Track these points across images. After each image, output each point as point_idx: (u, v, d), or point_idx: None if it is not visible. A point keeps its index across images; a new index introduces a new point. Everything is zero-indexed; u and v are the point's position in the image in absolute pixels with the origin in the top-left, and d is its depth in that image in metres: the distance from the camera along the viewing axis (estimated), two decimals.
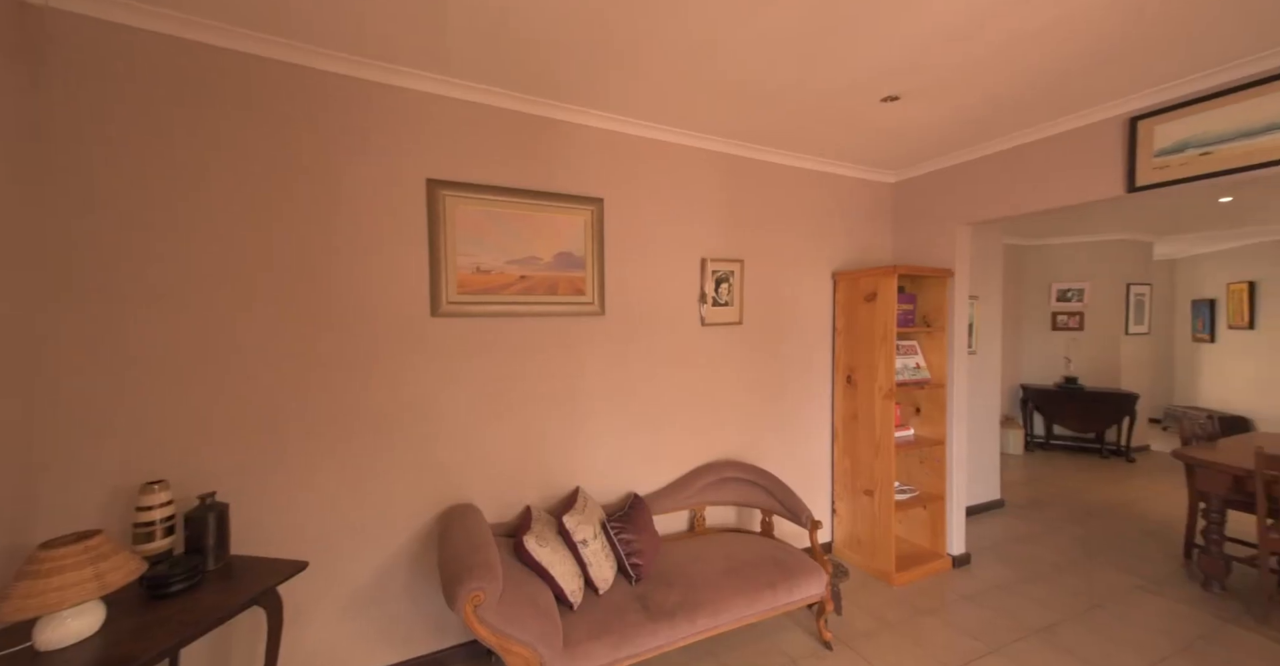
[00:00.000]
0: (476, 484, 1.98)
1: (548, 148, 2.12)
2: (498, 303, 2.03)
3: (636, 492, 2.27)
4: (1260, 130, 1.66)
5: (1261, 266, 5.13)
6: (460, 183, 1.94)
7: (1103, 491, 3.91)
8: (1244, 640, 2.06)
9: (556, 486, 2.14)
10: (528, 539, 1.69)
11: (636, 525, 1.98)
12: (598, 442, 2.24)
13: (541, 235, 2.11)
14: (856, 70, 1.79)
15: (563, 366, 2.16)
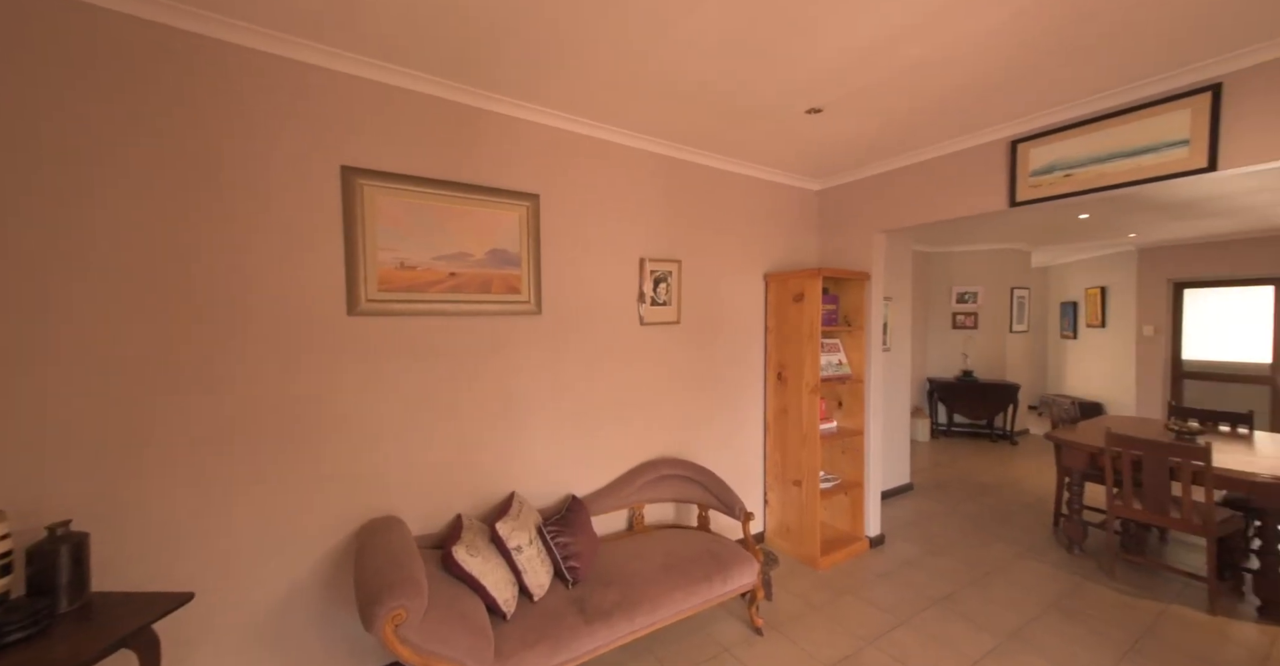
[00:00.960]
0: (400, 494, 1.85)
1: (480, 140, 2.02)
2: (425, 301, 1.91)
3: (575, 494, 2.24)
4: (1107, 157, 1.95)
5: (1111, 274, 6.06)
6: (382, 172, 1.80)
7: (992, 471, 4.44)
8: (1097, 593, 2.43)
9: (490, 492, 2.06)
10: (457, 549, 1.61)
11: (574, 527, 1.95)
12: (534, 445, 2.18)
13: (473, 231, 2.02)
14: (783, 82, 1.88)
15: (497, 367, 2.08)
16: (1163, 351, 5.50)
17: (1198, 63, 1.71)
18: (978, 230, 4.87)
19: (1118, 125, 1.92)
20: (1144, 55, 1.69)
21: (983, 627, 2.15)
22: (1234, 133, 1.68)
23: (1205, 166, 1.72)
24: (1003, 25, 1.52)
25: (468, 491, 2.00)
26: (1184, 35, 1.58)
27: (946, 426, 5.82)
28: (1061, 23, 1.52)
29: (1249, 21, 1.50)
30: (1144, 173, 1.86)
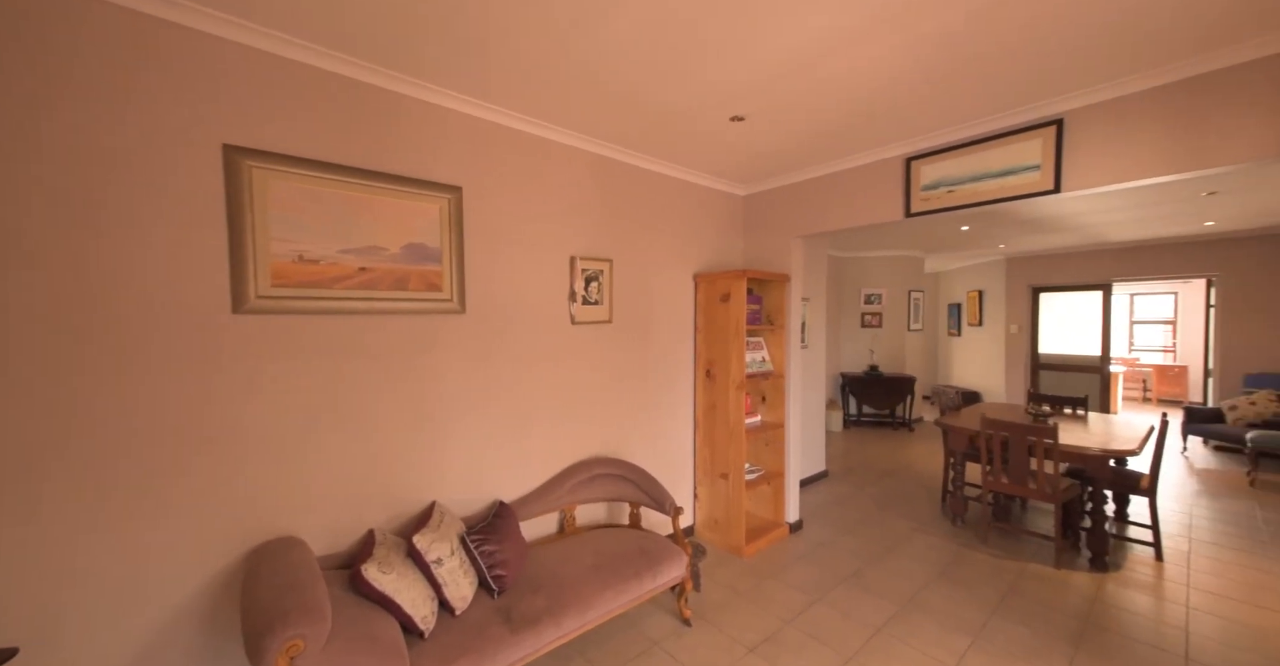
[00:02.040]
0: (300, 512, 1.67)
1: (396, 126, 1.88)
2: (330, 298, 1.74)
3: (502, 500, 2.16)
4: (980, 177, 2.24)
5: (986, 279, 6.98)
6: (275, 153, 1.62)
7: (893, 456, 4.93)
8: (974, 559, 2.78)
9: (408, 503, 1.92)
10: (367, 567, 1.48)
11: (501, 534, 1.88)
12: (458, 451, 2.07)
13: (387, 223, 1.87)
14: (708, 89, 1.94)
15: (416, 369, 1.94)
16: (1024, 346, 6.43)
17: (1046, 100, 2.02)
18: (881, 238, 5.38)
19: (988, 149, 2.21)
20: (1007, 91, 1.96)
21: (884, 597, 2.38)
22: (1072, 161, 2.00)
23: (1052, 188, 2.03)
24: (894, 54, 1.69)
25: (382, 504, 1.86)
26: (1035, 78, 1.85)
27: (856, 416, 6.37)
28: (940, 59, 1.71)
29: (1082, 70, 1.79)
30: (1007, 191, 2.16)
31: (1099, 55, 1.70)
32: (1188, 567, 2.67)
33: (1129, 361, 8.25)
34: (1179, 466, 4.49)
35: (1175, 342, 7.99)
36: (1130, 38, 1.60)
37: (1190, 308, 7.71)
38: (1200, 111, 1.72)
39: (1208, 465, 4.53)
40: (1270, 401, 4.41)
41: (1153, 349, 8.31)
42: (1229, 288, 5.15)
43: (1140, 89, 1.83)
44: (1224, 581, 2.52)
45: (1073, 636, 2.07)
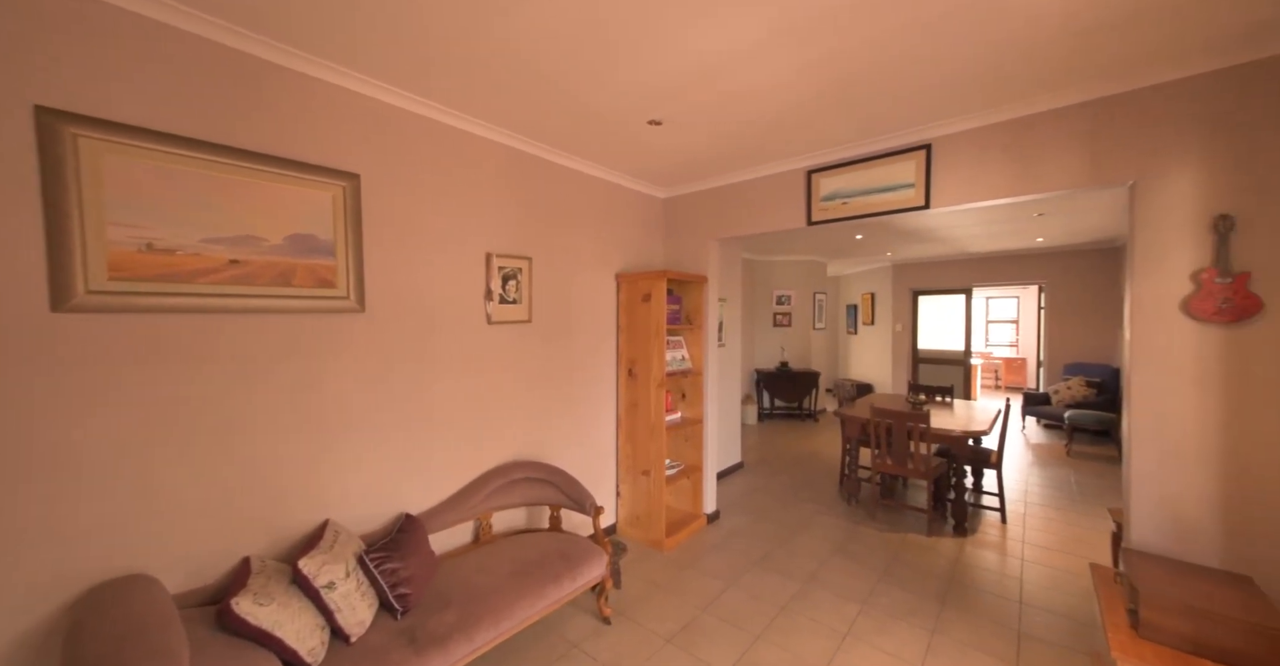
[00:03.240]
0: (152, 544, 1.43)
1: (279, 103, 1.68)
2: (193, 294, 1.51)
3: (409, 513, 2.01)
4: (869, 191, 2.50)
5: (877, 283, 7.82)
6: (112, 122, 1.36)
7: (801, 445, 5.35)
8: (866, 534, 3.11)
9: (295, 524, 1.72)
10: (240, 601, 1.30)
11: (406, 549, 1.75)
12: (357, 463, 1.89)
13: (266, 210, 1.66)
14: (624, 91, 1.96)
15: (306, 374, 1.74)
16: (907, 343, 7.30)
17: (919, 126, 2.30)
18: (789, 243, 5.80)
19: (874, 167, 2.48)
20: (887, 116, 2.20)
21: (790, 576, 2.57)
22: (939, 181, 2.31)
23: (924, 204, 2.33)
24: (789, 74, 1.83)
25: (262, 528, 1.64)
26: (910, 106, 2.10)
27: (769, 410, 6.82)
28: (829, 83, 1.88)
29: (947, 102, 2.07)
30: (889, 205, 2.44)
31: (960, 91, 1.97)
32: (1024, 527, 3.21)
33: (985, 355, 9.73)
34: (1019, 442, 5.39)
35: (1018, 339, 9.57)
36: (984, 79, 1.88)
37: (1028, 309, 9.27)
38: (1034, 145, 2.06)
39: (1039, 440, 5.50)
40: (1082, 386, 5.45)
41: (1002, 344, 9.88)
42: (1054, 293, 6.27)
43: (991, 122, 2.16)
44: (1048, 535, 3.08)
45: (940, 594, 2.40)
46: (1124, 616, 1.52)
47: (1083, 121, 1.95)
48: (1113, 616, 1.54)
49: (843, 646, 2.01)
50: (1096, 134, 1.92)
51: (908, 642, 2.02)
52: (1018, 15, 1.48)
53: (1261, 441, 1.62)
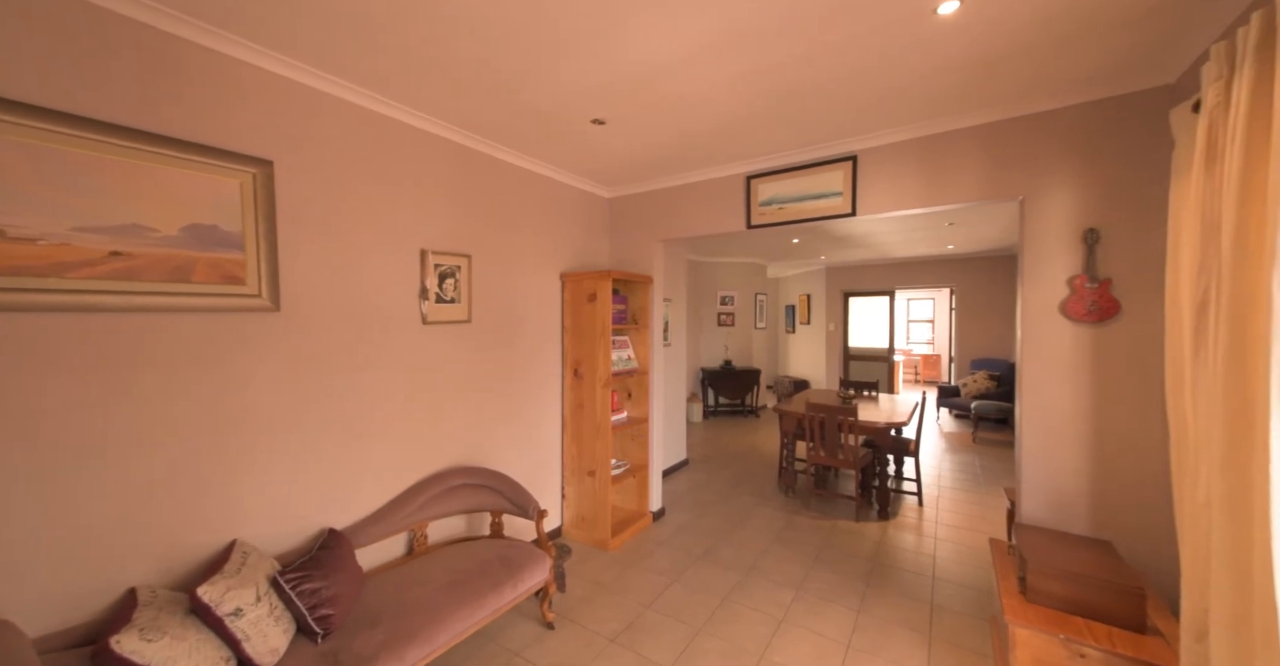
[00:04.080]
0: (6, 581, 1.22)
1: (170, 77, 1.50)
2: (55, 290, 1.31)
3: (333, 527, 1.86)
4: (803, 197, 2.64)
5: (813, 285, 8.28)
6: None
7: (743, 440, 5.55)
8: (801, 522, 3.28)
9: (194, 547, 1.54)
10: (122, 639, 1.15)
11: (328, 567, 1.62)
12: (271, 477, 1.72)
13: (157, 197, 1.48)
14: (565, 88, 1.93)
15: (208, 380, 1.57)
16: (839, 341, 7.79)
17: (847, 138, 2.46)
18: (732, 245, 5.99)
19: (807, 175, 2.62)
20: (818, 128, 2.34)
21: (731, 568, 2.66)
22: (864, 190, 2.48)
23: (850, 212, 2.49)
24: (729, 82, 1.89)
25: (152, 554, 1.46)
26: (838, 119, 2.24)
27: (714, 407, 7.01)
28: (765, 94, 1.97)
29: (870, 117, 2.23)
30: (820, 211, 2.59)
31: (880, 107, 2.13)
32: (937, 508, 3.53)
33: (906, 352, 10.60)
34: (934, 431, 5.93)
35: (934, 337, 10.51)
36: (899, 98, 2.04)
37: (942, 310, 10.20)
38: (942, 160, 2.27)
39: (951, 429, 6.07)
40: (985, 379, 6.08)
41: (921, 342, 10.81)
42: (963, 295, 6.95)
43: (907, 138, 2.35)
44: (957, 515, 3.40)
45: (865, 575, 2.58)
46: (1015, 583, 1.71)
47: (981, 141, 2.17)
48: (1006, 584, 1.73)
49: (778, 631, 2.11)
50: (993, 153, 2.15)
51: (836, 623, 2.16)
52: (920, 44, 1.62)
53: (1117, 426, 1.89)
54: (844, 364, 7.79)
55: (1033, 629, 1.50)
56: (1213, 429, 1.12)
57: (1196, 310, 1.22)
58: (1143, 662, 1.36)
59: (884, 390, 7.50)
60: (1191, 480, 1.25)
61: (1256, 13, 1.02)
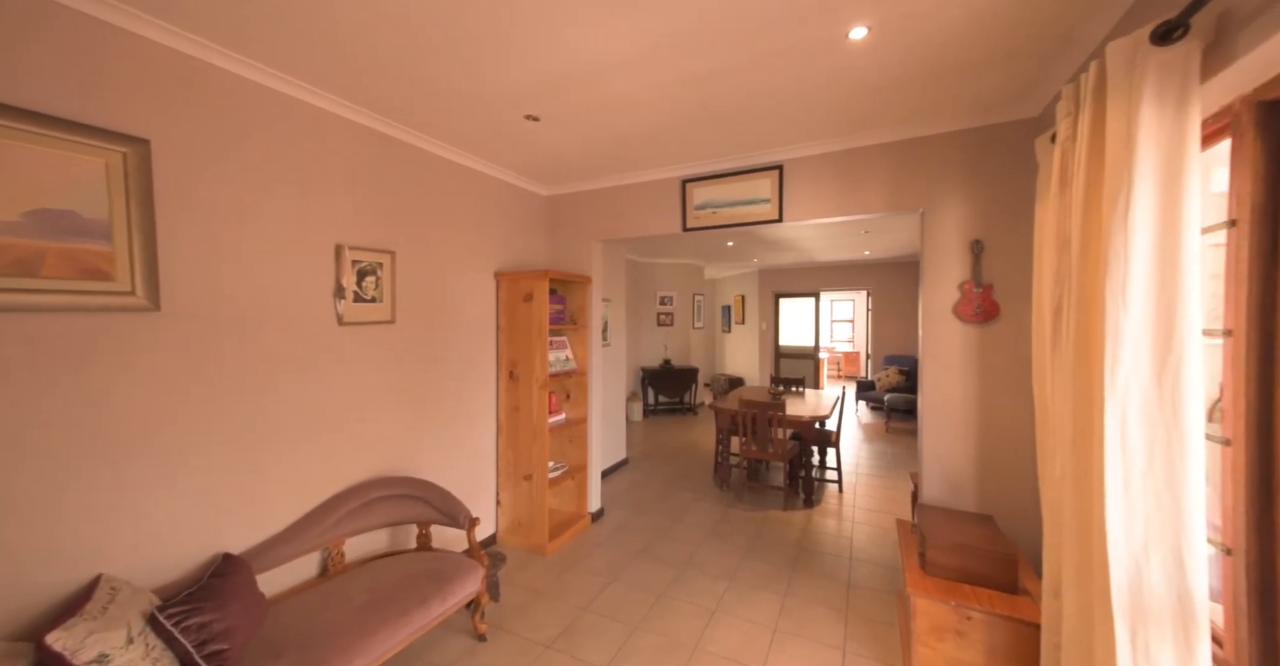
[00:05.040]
0: None
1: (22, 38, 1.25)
2: None
3: (228, 552, 1.67)
4: (735, 203, 2.75)
5: (747, 286, 8.65)
6: None
7: (682, 438, 5.68)
8: (735, 515, 3.42)
9: (48, 587, 1.32)
10: None
11: (222, 597, 1.45)
12: (151, 499, 1.52)
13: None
14: (496, 81, 1.87)
15: (68, 390, 1.36)
16: (770, 340, 8.20)
17: (774, 148, 2.60)
18: (670, 247, 6.11)
19: (739, 181, 2.73)
20: (748, 137, 2.45)
21: (668, 564, 2.72)
22: (789, 198, 2.63)
23: (777, 218, 2.64)
24: (666, 87, 1.93)
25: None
26: (766, 130, 2.36)
27: (654, 406, 7.11)
28: (699, 101, 2.03)
29: (794, 129, 2.37)
30: (750, 217, 2.71)
31: (805, 121, 2.27)
32: (855, 494, 3.83)
33: (830, 349, 11.39)
34: (853, 423, 6.42)
35: (854, 336, 11.39)
36: (818, 113, 2.18)
37: (860, 311, 11.08)
38: (857, 174, 2.46)
39: (868, 420, 6.61)
40: (896, 374, 6.69)
41: (843, 340, 11.67)
42: (878, 297, 7.59)
43: (827, 151, 2.52)
44: (872, 499, 3.72)
45: (792, 561, 2.74)
46: (916, 559, 1.90)
47: (889, 158, 2.38)
48: (909, 560, 1.91)
49: (711, 621, 2.18)
50: (898, 169, 2.36)
51: (765, 608, 2.28)
52: (835, 64, 1.76)
53: (998, 414, 2.16)
54: (775, 361, 8.22)
55: (930, 598, 1.67)
56: (1065, 413, 1.31)
57: (1054, 312, 1.42)
58: (1014, 619, 1.57)
59: (810, 386, 8.01)
60: (1050, 458, 1.45)
61: (1094, 61, 1.21)
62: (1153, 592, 1.04)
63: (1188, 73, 1.01)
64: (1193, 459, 1.01)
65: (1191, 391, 1.01)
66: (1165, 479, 1.04)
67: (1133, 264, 1.07)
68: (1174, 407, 1.03)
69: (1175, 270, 1.03)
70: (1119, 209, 1.08)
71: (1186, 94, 1.01)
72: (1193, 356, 1.02)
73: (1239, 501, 1.05)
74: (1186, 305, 1.02)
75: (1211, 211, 1.12)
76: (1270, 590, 1.01)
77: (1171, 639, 1.02)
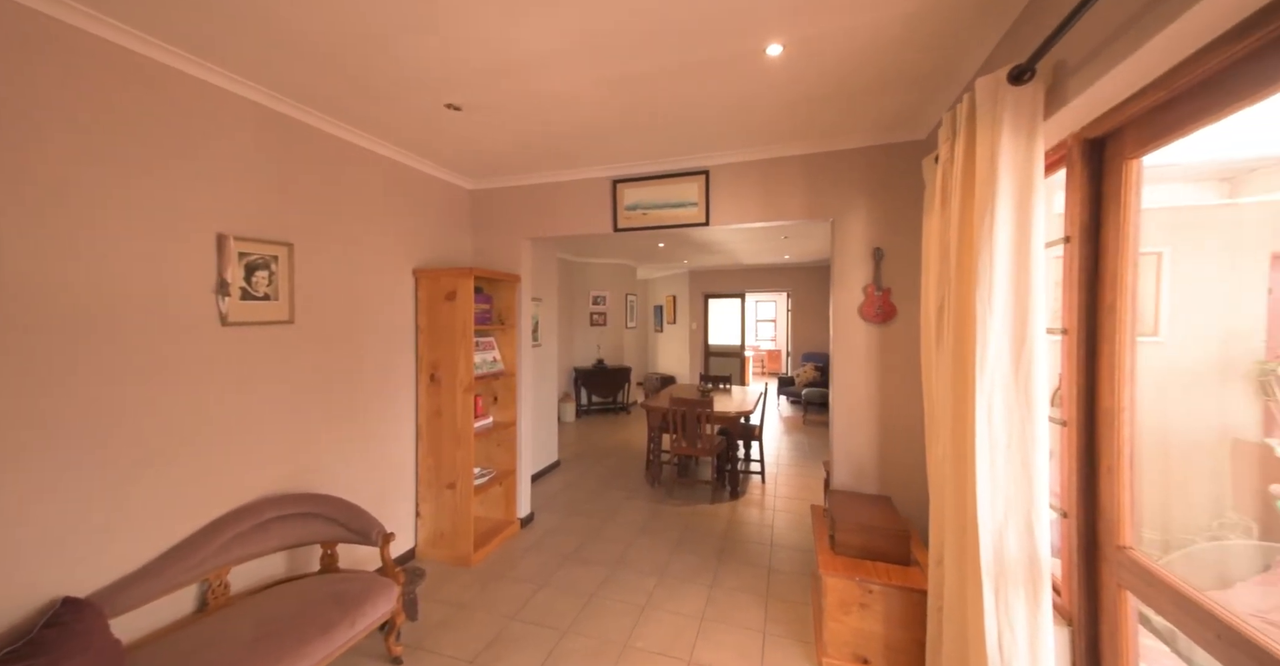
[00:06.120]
0: None
1: None
2: None
3: (70, 596, 1.40)
4: (665, 205, 2.81)
5: (678, 287, 8.88)
6: None
7: (615, 437, 5.70)
8: (666, 511, 3.49)
9: None
10: None
11: (62, 650, 1.23)
12: None
13: None
14: (411, 65, 1.75)
15: None
16: (700, 339, 8.49)
17: (701, 153, 2.68)
18: (603, 247, 6.10)
19: (668, 184, 2.79)
20: (677, 142, 2.51)
21: (600, 564, 2.71)
22: (716, 202, 2.73)
23: (704, 221, 2.73)
24: (593, 88, 1.92)
25: None
26: (693, 135, 2.44)
27: (587, 406, 7.06)
28: (627, 103, 2.05)
29: (720, 137, 2.46)
30: (679, 219, 2.78)
31: (729, 130, 2.36)
32: (776, 484, 4.08)
33: (755, 348, 12.03)
34: (774, 417, 6.83)
35: (776, 334, 12.12)
36: (738, 123, 2.29)
37: (782, 311, 11.81)
38: (776, 182, 2.61)
39: (788, 414, 7.07)
40: (813, 370, 7.21)
41: (766, 339, 12.36)
42: (796, 299, 8.14)
43: (749, 159, 2.65)
44: (791, 488, 3.97)
45: (719, 552, 2.86)
46: (827, 541, 2.06)
47: (805, 169, 2.56)
48: (821, 542, 2.07)
49: (642, 618, 2.21)
50: (813, 180, 2.54)
51: (692, 600, 2.35)
52: (755, 77, 1.85)
53: (896, 404, 2.40)
54: (705, 360, 8.51)
55: (839, 576, 1.82)
56: (946, 402, 1.48)
57: (937, 313, 1.61)
58: (906, 588, 1.75)
59: (737, 382, 8.39)
60: (935, 442, 1.64)
61: (967, 93, 1.39)
62: (1010, 555, 1.21)
63: (1034, 110, 1.18)
64: (1040, 439, 1.20)
65: (1039, 381, 1.20)
66: (1020, 457, 1.22)
67: (996, 273, 1.24)
68: (1026, 395, 1.21)
69: (1027, 278, 1.20)
70: (985, 224, 1.25)
71: (1034, 128, 1.19)
72: (1040, 352, 1.20)
73: (1072, 472, 1.25)
74: (1035, 308, 1.20)
75: (1055, 229, 1.32)
76: (1093, 544, 1.22)
77: (1024, 593, 1.19)
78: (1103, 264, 1.20)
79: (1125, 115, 1.09)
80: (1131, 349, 1.16)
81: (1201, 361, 1.47)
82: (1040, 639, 1.16)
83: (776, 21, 1.50)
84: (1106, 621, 1.18)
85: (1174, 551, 1.42)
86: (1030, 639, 1.17)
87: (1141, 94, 1.02)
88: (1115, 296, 1.17)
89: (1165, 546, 1.44)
